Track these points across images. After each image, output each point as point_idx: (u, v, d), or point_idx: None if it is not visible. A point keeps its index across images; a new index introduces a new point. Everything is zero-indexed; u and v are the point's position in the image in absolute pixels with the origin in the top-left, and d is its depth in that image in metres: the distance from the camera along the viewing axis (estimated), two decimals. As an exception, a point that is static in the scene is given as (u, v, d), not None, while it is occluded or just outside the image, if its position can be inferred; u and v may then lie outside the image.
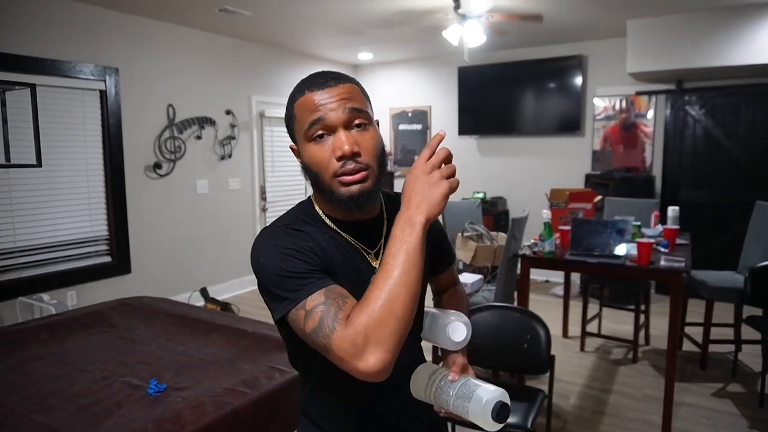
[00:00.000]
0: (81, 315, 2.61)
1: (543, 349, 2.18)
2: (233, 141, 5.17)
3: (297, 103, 0.96)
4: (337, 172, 0.93)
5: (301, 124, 0.95)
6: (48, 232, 3.80)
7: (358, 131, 0.94)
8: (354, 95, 0.95)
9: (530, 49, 5.65)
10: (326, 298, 0.86)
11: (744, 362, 3.50)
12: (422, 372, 1.02)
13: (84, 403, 1.72)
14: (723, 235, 4.83)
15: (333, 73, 0.97)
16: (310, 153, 0.95)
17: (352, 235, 1.02)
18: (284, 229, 0.96)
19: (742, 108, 4.74)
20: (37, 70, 3.62)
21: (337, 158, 0.92)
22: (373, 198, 0.97)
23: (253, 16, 4.30)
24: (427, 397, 0.99)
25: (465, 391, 0.93)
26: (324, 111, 0.92)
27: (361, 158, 0.93)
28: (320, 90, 0.93)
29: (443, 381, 0.97)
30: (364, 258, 1.02)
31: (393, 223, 1.02)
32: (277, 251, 0.91)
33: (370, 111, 0.98)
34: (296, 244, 0.91)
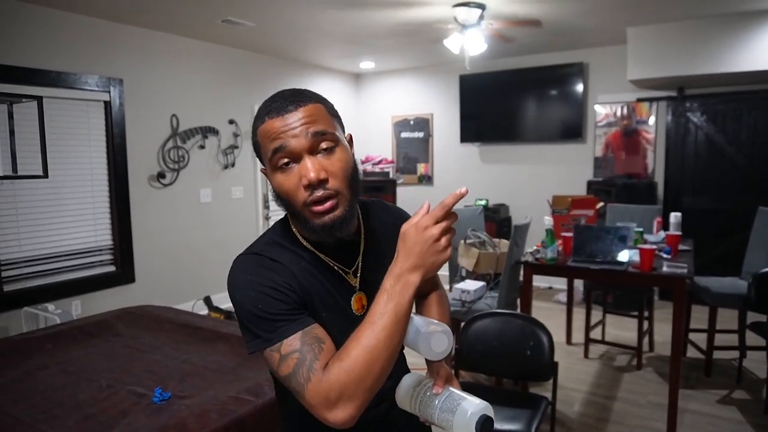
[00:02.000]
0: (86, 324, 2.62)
1: (546, 356, 2.18)
2: (236, 150, 5.20)
3: (259, 130, 0.92)
4: (306, 201, 0.89)
5: (265, 152, 0.91)
6: (53, 242, 3.83)
7: (325, 155, 0.90)
8: (317, 117, 0.90)
9: (531, 57, 5.68)
10: (302, 344, 0.85)
11: (749, 369, 3.48)
12: (407, 383, 1.01)
13: (89, 412, 1.73)
14: (726, 242, 4.82)
15: (293, 95, 0.92)
16: (277, 182, 0.91)
17: (329, 256, 0.99)
18: (259, 259, 0.93)
19: (744, 114, 4.75)
20: (43, 82, 3.66)
21: (304, 186, 0.88)
22: (347, 223, 0.93)
23: (255, 26, 4.34)
24: (412, 408, 0.98)
25: (449, 405, 0.92)
26: (285, 138, 0.88)
27: (329, 184, 0.89)
28: (279, 116, 0.89)
29: (428, 393, 0.95)
30: (343, 279, 0.99)
31: (370, 236, 1.02)
32: (253, 288, 0.88)
33: (337, 131, 0.93)
34: (272, 281, 0.89)
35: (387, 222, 1.10)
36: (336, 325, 0.94)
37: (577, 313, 4.26)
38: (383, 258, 1.03)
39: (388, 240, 1.05)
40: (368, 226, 1.07)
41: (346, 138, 0.98)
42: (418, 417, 0.99)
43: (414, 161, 6.63)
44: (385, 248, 1.04)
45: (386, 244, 1.05)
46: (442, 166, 6.45)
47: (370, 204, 1.13)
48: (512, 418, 2.09)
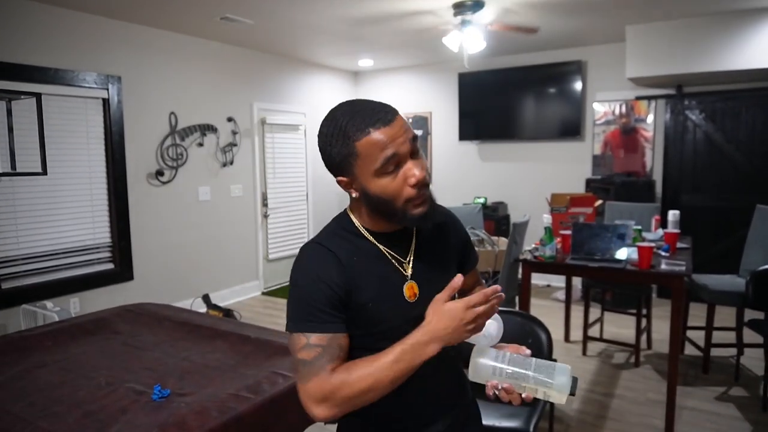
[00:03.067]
0: (84, 322, 2.61)
1: (545, 354, 2.18)
2: (235, 148, 5.20)
3: (361, 142, 0.96)
4: (411, 197, 0.99)
5: (369, 161, 0.97)
6: (51, 240, 3.82)
7: (417, 156, 1.00)
8: (406, 124, 1.00)
9: (530, 55, 5.68)
10: (328, 345, 0.98)
11: (746, 366, 3.50)
12: (484, 355, 1.03)
13: (89, 409, 1.73)
14: (724, 239, 4.84)
15: (384, 107, 1.00)
16: (381, 186, 0.99)
17: (386, 246, 1.08)
18: (321, 249, 1.04)
19: (742, 112, 4.75)
20: (41, 79, 3.65)
21: (412, 186, 0.98)
22: (434, 214, 1.05)
23: (254, 24, 4.34)
24: (496, 375, 1.00)
25: (544, 366, 0.97)
26: (396, 146, 0.96)
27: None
28: (385, 126, 0.96)
29: (514, 360, 0.99)
30: (396, 268, 1.08)
31: (422, 233, 1.12)
32: (311, 277, 1.01)
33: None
34: (327, 276, 1.00)
35: (438, 218, 1.16)
36: (388, 309, 1.05)
37: (576, 311, 4.27)
38: (435, 251, 1.14)
39: (438, 234, 1.16)
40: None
41: None
42: (486, 389, 1.03)
43: (413, 159, 6.62)
44: (434, 243, 1.15)
45: (435, 239, 1.15)
46: (440, 164, 6.45)
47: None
48: (511, 415, 2.09)
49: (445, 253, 1.17)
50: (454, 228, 1.21)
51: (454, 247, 1.20)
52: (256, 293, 5.50)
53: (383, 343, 1.04)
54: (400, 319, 1.05)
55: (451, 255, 1.19)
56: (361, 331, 1.05)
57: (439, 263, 1.14)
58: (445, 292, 0.96)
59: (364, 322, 1.04)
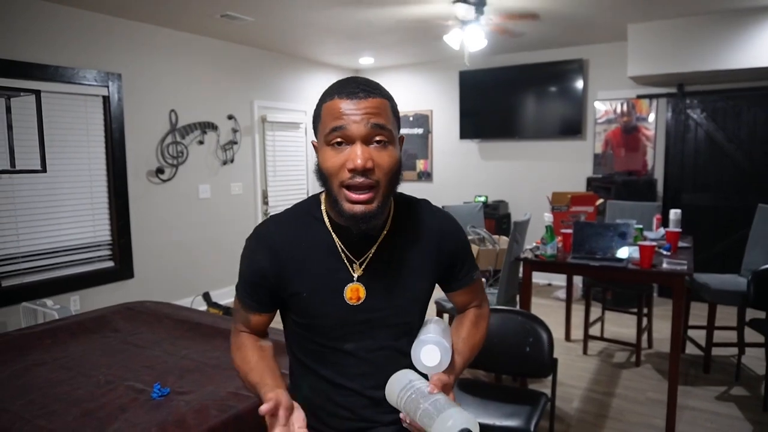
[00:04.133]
0: (84, 320, 2.61)
1: (546, 353, 2.18)
2: (235, 146, 5.19)
3: (325, 105, 0.97)
4: (345, 181, 0.93)
5: (323, 126, 0.96)
6: (51, 238, 3.82)
7: (377, 147, 0.94)
8: (382, 111, 0.94)
9: (531, 53, 5.66)
10: (239, 311, 1.13)
11: (747, 365, 3.49)
12: (402, 376, 1.01)
13: (88, 407, 1.73)
14: (725, 239, 4.83)
15: (367, 84, 0.97)
16: (324, 156, 0.96)
17: (344, 241, 1.02)
18: (264, 232, 1.07)
19: (744, 111, 4.74)
20: (41, 77, 3.64)
21: (349, 170, 0.92)
22: (374, 219, 0.96)
23: (254, 21, 4.32)
24: (398, 401, 0.97)
25: (435, 408, 0.89)
26: (347, 121, 0.92)
27: (373, 175, 0.93)
28: (349, 99, 0.93)
29: (418, 392, 0.95)
30: (347, 268, 1.02)
31: (395, 231, 1.05)
32: (244, 254, 1.10)
33: (394, 129, 0.97)
34: (256, 259, 1.06)
35: (423, 222, 1.09)
36: (323, 305, 1.02)
37: (577, 310, 4.26)
38: (400, 256, 1.05)
39: (414, 239, 1.07)
40: (398, 220, 1.07)
41: (399, 139, 1.02)
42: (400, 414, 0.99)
43: (413, 158, 6.62)
44: (406, 245, 1.06)
45: (410, 242, 1.06)
46: (441, 163, 6.44)
47: (414, 202, 1.13)
48: (511, 414, 2.09)
49: (419, 260, 1.06)
50: (442, 238, 1.09)
51: (436, 255, 1.08)
52: (256, 291, 5.49)
53: (321, 339, 1.04)
54: (335, 320, 1.02)
55: (427, 264, 1.07)
56: (299, 319, 1.05)
57: (407, 270, 1.05)
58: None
59: (301, 311, 1.04)
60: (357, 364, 1.04)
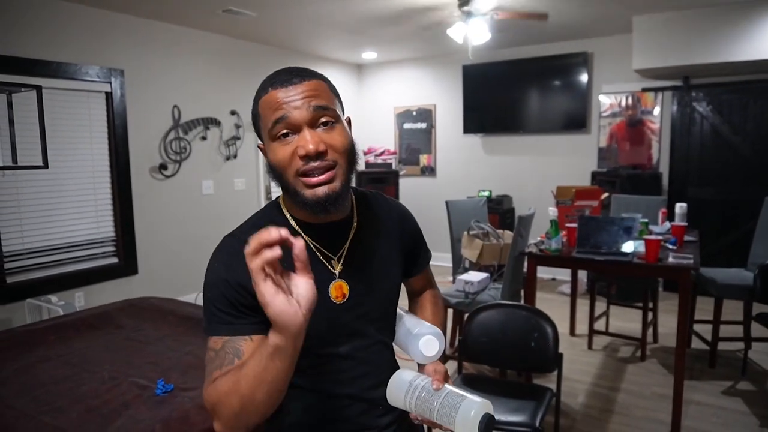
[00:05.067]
0: (88, 316, 2.61)
1: (551, 348, 2.17)
2: (238, 141, 5.18)
3: (261, 100, 0.93)
4: (300, 169, 0.89)
5: (265, 122, 0.92)
6: (55, 234, 3.82)
7: (325, 129, 0.90)
8: (320, 92, 0.91)
9: (535, 47, 5.62)
10: (221, 348, 0.88)
11: (754, 360, 3.47)
12: (401, 378, 0.98)
13: (92, 404, 1.73)
14: (731, 232, 4.79)
15: (298, 70, 0.93)
16: (274, 152, 0.91)
17: (315, 239, 0.98)
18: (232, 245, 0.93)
19: (750, 104, 4.70)
20: (44, 73, 3.63)
21: (301, 157, 0.88)
22: (341, 199, 0.92)
23: (257, 16, 4.30)
24: (406, 405, 0.95)
25: (450, 402, 0.89)
26: (288, 109, 0.88)
27: (328, 156, 0.89)
28: (284, 87, 0.90)
29: (425, 390, 0.93)
30: (324, 266, 0.97)
31: (362, 223, 1.03)
32: (212, 275, 0.93)
33: (338, 108, 0.94)
34: (229, 276, 0.90)
35: (383, 212, 1.09)
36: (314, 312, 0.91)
37: (581, 305, 4.25)
38: (373, 247, 1.04)
39: (380, 230, 1.06)
40: (362, 212, 1.06)
41: (346, 119, 0.98)
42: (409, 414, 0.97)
43: (416, 152, 6.60)
44: (374, 237, 1.05)
45: (378, 233, 1.06)
46: (445, 158, 6.41)
47: (368, 194, 1.12)
48: (517, 409, 2.08)
49: (388, 250, 1.06)
50: (402, 222, 1.11)
51: (400, 243, 1.09)
52: (260, 287, 5.50)
53: (314, 349, 0.95)
54: (324, 323, 0.95)
55: (394, 253, 1.08)
56: None
57: (380, 261, 1.04)
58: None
59: None
60: (354, 366, 1.01)
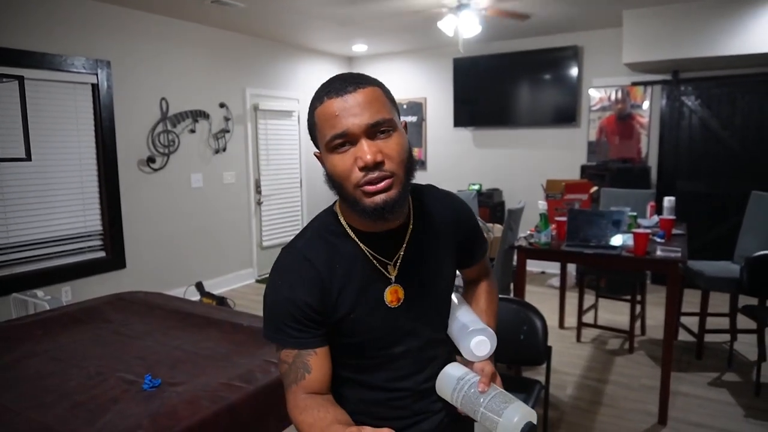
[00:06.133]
0: (75, 311, 2.58)
1: (540, 340, 2.17)
2: (227, 134, 5.14)
3: (317, 111, 0.91)
4: (360, 182, 0.89)
5: (322, 134, 0.91)
6: (41, 228, 3.77)
7: (382, 138, 0.89)
8: (375, 100, 0.90)
9: (526, 40, 5.62)
10: (293, 362, 0.96)
11: (740, 351, 3.51)
12: (449, 374, 1.01)
13: (79, 399, 1.71)
14: (719, 226, 4.84)
15: (353, 77, 0.92)
16: (332, 163, 0.91)
17: (372, 247, 0.99)
18: (296, 259, 0.97)
19: (738, 98, 4.73)
20: (28, 64, 3.57)
21: (360, 168, 0.88)
22: (399, 206, 0.92)
23: (245, 7, 4.26)
24: (453, 400, 0.99)
25: (496, 406, 0.92)
26: (344, 121, 0.87)
27: (385, 166, 0.89)
28: (339, 97, 0.88)
29: (472, 389, 0.95)
30: (380, 272, 0.99)
31: (418, 226, 1.03)
32: (277, 292, 0.96)
33: (394, 115, 0.93)
34: (294, 292, 0.94)
35: (438, 211, 1.08)
36: (369, 318, 0.98)
37: (570, 298, 4.27)
38: (428, 249, 1.04)
39: (436, 231, 1.06)
40: (418, 215, 1.05)
41: (402, 124, 0.97)
42: (456, 409, 1.00)
43: (407, 146, 6.58)
44: (431, 239, 1.05)
45: (433, 234, 1.05)
46: (435, 151, 6.41)
47: (424, 191, 1.10)
48: (506, 402, 2.09)
49: (443, 250, 1.07)
50: (457, 218, 1.10)
51: (454, 240, 1.09)
52: (250, 281, 5.47)
53: (372, 351, 1.01)
54: (385, 327, 0.99)
55: (449, 251, 1.08)
56: (347, 340, 0.99)
57: (435, 262, 1.05)
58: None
59: (349, 331, 0.98)
60: (408, 364, 1.04)
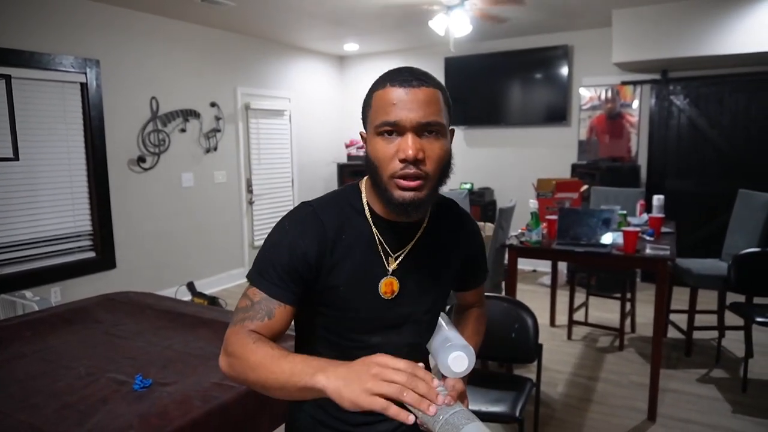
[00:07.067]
0: (65, 311, 2.56)
1: (531, 338, 2.19)
2: (218, 134, 5.11)
3: (377, 93, 0.93)
4: (396, 173, 0.91)
5: (374, 116, 0.93)
6: (30, 228, 3.74)
7: (428, 138, 0.92)
8: (433, 102, 0.92)
9: (516, 39, 5.64)
10: (259, 303, 0.95)
11: (727, 348, 3.55)
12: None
13: (68, 400, 1.70)
14: (707, 224, 4.89)
15: (419, 73, 0.94)
16: (374, 146, 0.93)
17: (381, 234, 1.01)
18: (307, 215, 0.99)
19: (726, 97, 4.78)
20: (16, 63, 3.54)
21: (400, 160, 0.90)
22: (423, 208, 0.95)
23: (236, 6, 4.24)
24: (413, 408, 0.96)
25: (455, 422, 0.88)
26: (399, 111, 0.90)
27: (424, 166, 0.91)
28: (402, 88, 0.90)
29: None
30: (381, 261, 1.01)
31: (431, 228, 1.05)
32: (280, 235, 0.98)
33: (445, 121, 0.95)
34: (296, 242, 0.96)
35: (453, 223, 1.11)
36: (359, 299, 1.00)
37: (561, 296, 4.30)
38: (432, 254, 1.06)
39: (445, 239, 1.08)
40: (434, 219, 1.07)
41: (450, 131, 0.99)
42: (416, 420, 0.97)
43: (399, 145, 6.58)
44: (438, 244, 1.07)
45: (442, 242, 1.08)
46: (427, 150, 6.41)
47: (447, 203, 1.12)
48: (497, 400, 2.10)
49: (446, 259, 1.09)
50: (468, 238, 1.13)
51: (459, 257, 1.12)
52: (241, 280, 5.45)
53: (349, 333, 1.02)
54: (370, 313, 1.01)
55: (451, 265, 1.10)
56: (330, 313, 1.01)
57: (436, 268, 1.07)
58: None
59: (334, 305, 1.00)
60: None
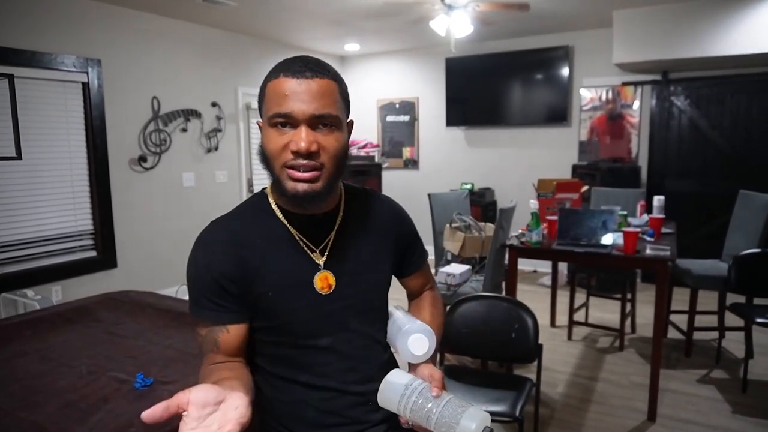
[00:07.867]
0: (66, 310, 2.57)
1: (531, 339, 2.19)
2: (219, 133, 5.12)
3: (270, 84, 0.92)
4: (287, 162, 0.90)
5: (267, 106, 0.92)
6: (31, 227, 3.74)
7: (322, 131, 0.90)
8: (328, 93, 0.90)
9: (517, 40, 5.65)
10: (204, 337, 0.99)
11: (727, 349, 3.55)
12: (393, 381, 0.94)
13: (70, 398, 1.70)
14: (707, 224, 4.89)
15: (314, 63, 0.91)
16: (268, 137, 0.93)
17: (299, 230, 0.99)
18: (218, 232, 1.01)
19: (727, 98, 4.78)
20: (17, 62, 3.54)
21: (292, 152, 0.89)
22: (320, 199, 0.94)
23: (237, 6, 4.24)
24: (400, 409, 0.92)
25: (451, 412, 0.87)
26: (291, 102, 0.88)
27: (318, 158, 0.90)
28: (295, 78, 0.88)
29: (422, 397, 0.90)
30: (307, 256, 0.99)
31: (348, 217, 1.04)
32: (196, 264, 1.00)
33: (341, 113, 0.93)
34: (212, 265, 0.97)
35: (374, 209, 1.10)
36: (292, 300, 0.97)
37: (562, 296, 4.30)
38: (360, 241, 1.04)
39: (369, 225, 1.07)
40: (350, 207, 1.06)
41: (348, 123, 0.98)
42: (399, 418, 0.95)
43: (399, 145, 6.60)
44: (363, 231, 1.06)
45: (366, 228, 1.06)
46: (427, 150, 6.42)
47: (361, 191, 1.12)
48: (498, 400, 2.10)
49: (376, 245, 1.07)
50: (395, 221, 1.11)
51: (390, 240, 1.09)
52: (242, 280, 5.47)
53: (295, 339, 0.98)
54: (308, 314, 0.98)
55: (384, 248, 1.08)
56: (263, 321, 0.98)
57: (367, 255, 1.04)
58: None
59: (265, 312, 0.97)
60: (337, 360, 1.00)
